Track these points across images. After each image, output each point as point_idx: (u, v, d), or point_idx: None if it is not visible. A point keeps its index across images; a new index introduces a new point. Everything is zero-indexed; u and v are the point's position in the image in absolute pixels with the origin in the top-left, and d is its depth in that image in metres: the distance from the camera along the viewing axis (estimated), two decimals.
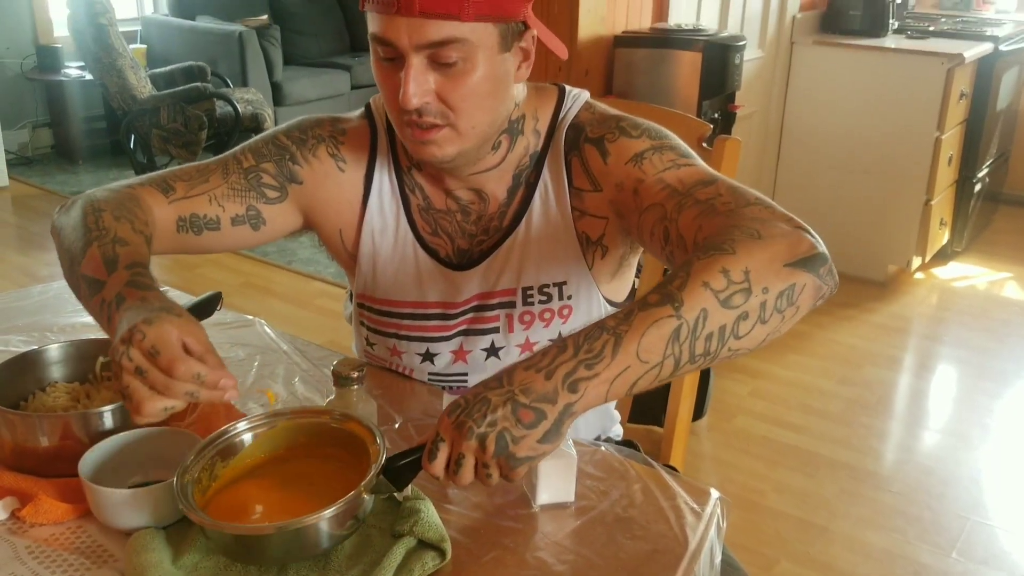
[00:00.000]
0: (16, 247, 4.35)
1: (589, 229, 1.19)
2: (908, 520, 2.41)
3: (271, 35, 5.74)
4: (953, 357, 3.42)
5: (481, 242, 1.23)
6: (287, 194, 1.22)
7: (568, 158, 1.18)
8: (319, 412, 1.03)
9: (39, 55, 5.42)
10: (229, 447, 0.99)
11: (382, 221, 1.23)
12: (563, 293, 1.22)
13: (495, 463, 0.86)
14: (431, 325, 1.25)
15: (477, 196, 1.21)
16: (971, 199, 4.14)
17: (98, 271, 0.99)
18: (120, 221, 1.07)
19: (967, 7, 4.69)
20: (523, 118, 1.19)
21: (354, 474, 0.93)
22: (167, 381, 0.85)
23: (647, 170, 1.10)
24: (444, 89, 1.06)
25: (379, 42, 1.05)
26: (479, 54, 1.05)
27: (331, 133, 1.24)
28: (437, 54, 1.03)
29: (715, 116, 3.02)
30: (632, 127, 1.15)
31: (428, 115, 1.07)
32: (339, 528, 0.89)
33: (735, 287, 0.88)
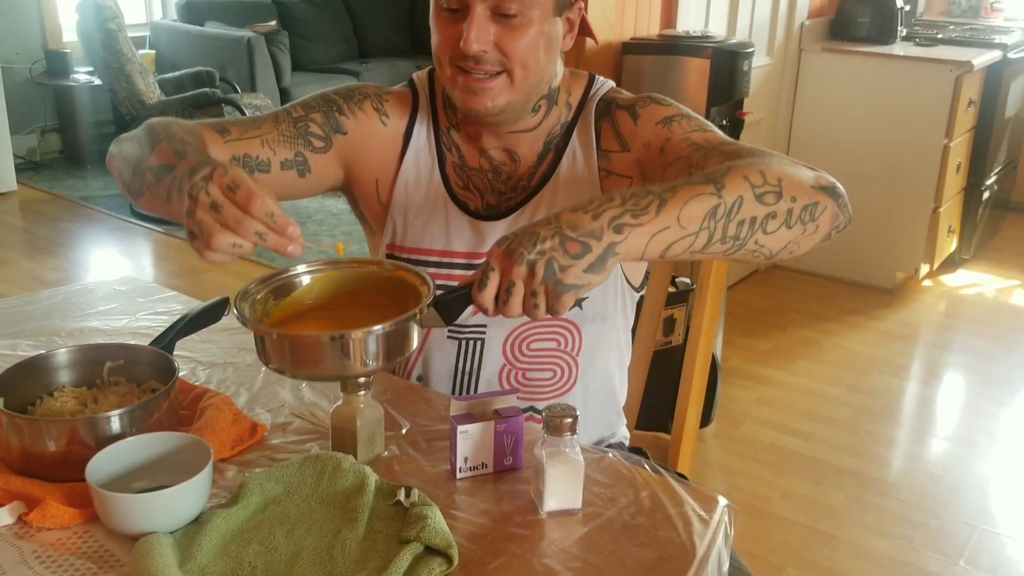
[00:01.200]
0: (24, 251, 4.37)
1: (614, 188, 1.26)
2: (915, 528, 2.40)
3: (279, 41, 5.76)
4: (961, 365, 3.41)
5: (509, 199, 1.30)
6: (332, 144, 1.29)
7: (599, 125, 1.28)
8: (368, 262, 1.06)
9: (48, 60, 5.45)
10: (285, 286, 1.02)
11: (416, 174, 1.30)
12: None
13: (543, 290, 0.91)
14: (456, 274, 1.30)
15: (509, 157, 1.30)
16: (979, 206, 4.13)
17: (168, 158, 1.03)
18: (186, 133, 1.13)
19: (976, 15, 4.68)
20: (559, 91, 1.29)
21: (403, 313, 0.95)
22: (240, 217, 0.89)
23: (675, 130, 1.20)
24: (502, 39, 1.15)
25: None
26: (536, 11, 1.15)
27: (376, 92, 1.33)
28: (500, 5, 1.13)
29: (723, 123, 3.02)
30: (659, 100, 1.27)
31: (485, 63, 1.16)
32: (386, 352, 0.92)
33: (769, 188, 0.99)
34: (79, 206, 4.89)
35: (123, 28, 4.54)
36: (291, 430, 1.19)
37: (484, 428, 1.07)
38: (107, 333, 1.46)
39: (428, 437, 1.17)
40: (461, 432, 1.06)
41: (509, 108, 1.21)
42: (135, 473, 1.02)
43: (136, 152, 1.12)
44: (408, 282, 1.00)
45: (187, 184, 0.93)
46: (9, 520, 0.99)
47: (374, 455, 1.10)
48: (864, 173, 3.81)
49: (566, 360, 1.33)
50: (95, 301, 1.58)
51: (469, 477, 1.08)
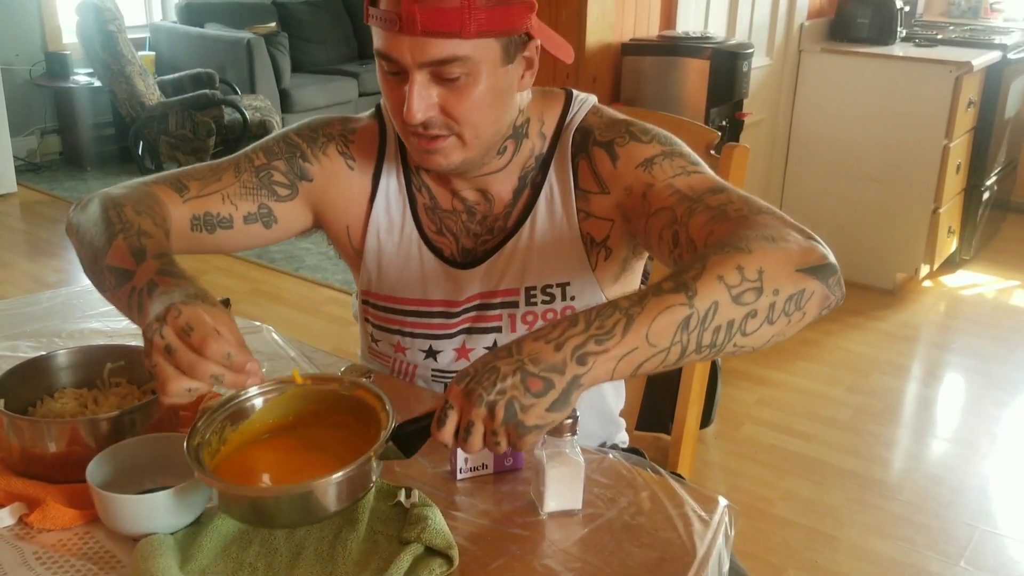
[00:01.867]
0: (25, 253, 4.37)
1: (594, 231, 1.21)
2: (916, 529, 2.40)
3: (279, 42, 5.76)
4: (961, 366, 3.41)
5: (485, 241, 1.24)
6: (297, 191, 1.24)
7: (575, 161, 1.20)
8: (329, 380, 1.03)
9: (48, 62, 5.45)
10: (239, 411, 0.98)
11: (388, 219, 1.25)
12: (566, 294, 1.23)
13: (504, 431, 0.86)
14: (434, 323, 1.26)
15: (483, 197, 1.23)
16: (979, 207, 4.13)
17: (126, 261, 1.00)
18: (141, 215, 1.08)
19: (975, 15, 4.68)
20: (528, 122, 1.20)
21: (363, 442, 0.93)
22: (194, 361, 0.86)
23: (657, 175, 1.12)
24: (447, 103, 1.07)
25: (383, 58, 1.08)
26: (482, 69, 1.06)
27: (341, 132, 1.26)
28: (440, 71, 1.05)
29: (723, 123, 3.02)
30: (642, 132, 1.17)
31: (432, 127, 1.09)
32: (349, 494, 0.89)
33: (748, 284, 0.88)
34: None
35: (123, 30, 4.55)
36: None
37: None
38: (108, 334, 1.46)
39: None
40: None
41: (467, 163, 1.14)
42: (136, 474, 1.01)
43: (93, 235, 1.07)
44: (368, 404, 0.97)
45: (143, 324, 0.91)
46: (10, 521, 0.99)
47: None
48: (864, 174, 3.81)
49: None
50: (95, 302, 1.58)
51: (469, 478, 1.08)
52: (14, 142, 5.10)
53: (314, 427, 1.00)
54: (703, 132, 1.51)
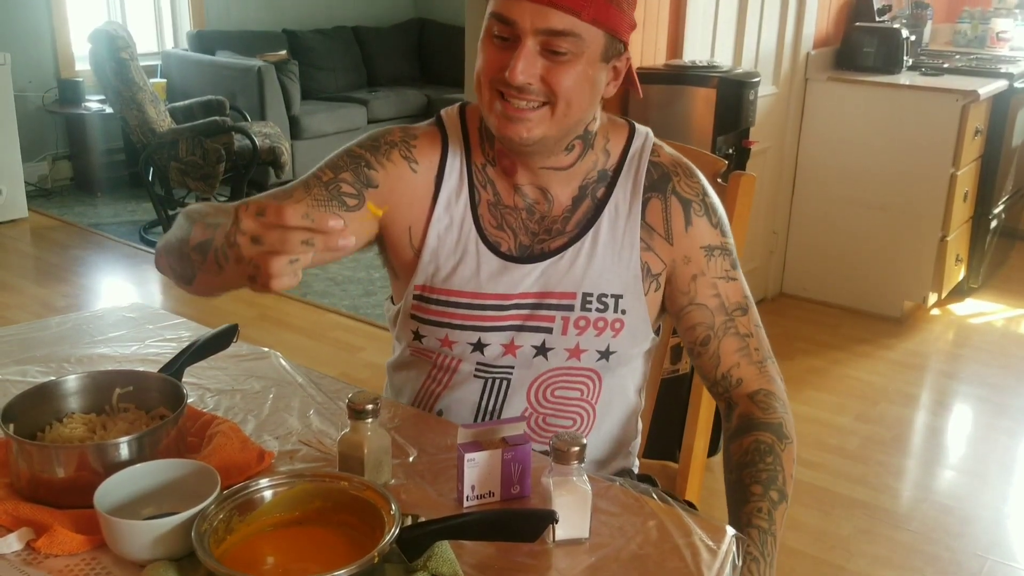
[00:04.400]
0: (34, 278, 4.39)
1: (651, 262, 1.29)
2: (926, 560, 2.37)
3: (289, 70, 5.81)
4: (970, 395, 3.39)
5: (542, 240, 1.29)
6: (364, 200, 1.27)
7: (648, 195, 1.28)
8: (338, 478, 1.04)
9: (61, 88, 5.50)
10: (248, 502, 0.99)
11: (449, 218, 1.29)
12: (619, 306, 1.28)
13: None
14: (486, 315, 1.28)
15: (543, 196, 1.29)
16: (987, 235, 4.13)
17: (206, 235, 1.09)
18: (220, 212, 1.16)
19: (981, 44, 4.70)
20: (596, 134, 1.28)
21: (367, 542, 0.94)
22: (281, 235, 0.90)
23: (711, 268, 1.28)
24: (549, 74, 1.15)
25: (500, 20, 1.14)
26: (585, 54, 1.15)
27: (402, 138, 1.31)
28: (551, 42, 1.13)
29: (729, 152, 3.03)
30: (712, 210, 1.29)
31: (530, 94, 1.15)
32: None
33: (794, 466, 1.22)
34: (89, 233, 4.92)
35: (135, 57, 4.59)
36: (298, 457, 1.19)
37: (491, 456, 1.07)
38: (116, 360, 1.46)
39: (435, 465, 1.17)
40: (468, 460, 1.06)
41: (544, 141, 1.19)
42: (143, 500, 1.02)
43: (177, 241, 1.15)
44: (375, 505, 0.97)
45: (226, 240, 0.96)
46: (17, 546, 0.99)
47: (381, 483, 1.10)
48: (871, 202, 3.82)
49: (586, 408, 1.33)
50: (105, 328, 1.59)
51: (476, 506, 1.08)
52: (26, 168, 5.13)
53: (319, 525, 1.01)
54: (710, 160, 1.52)
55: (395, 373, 1.42)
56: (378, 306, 3.95)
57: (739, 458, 1.21)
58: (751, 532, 1.11)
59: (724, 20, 3.36)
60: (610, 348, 1.29)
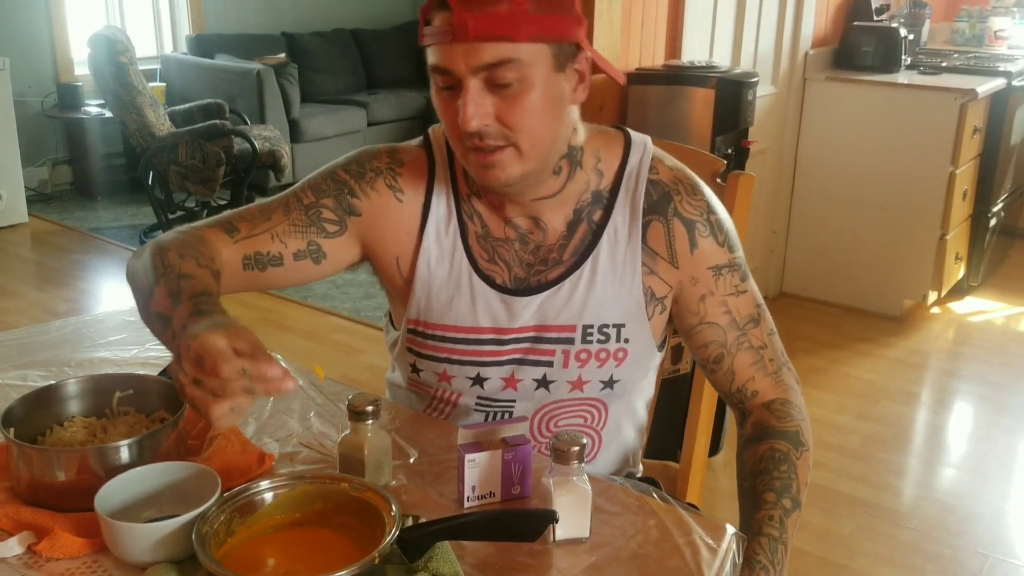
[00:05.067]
0: (35, 283, 4.39)
1: (655, 286, 1.24)
2: (927, 558, 2.38)
3: (289, 73, 5.81)
4: (971, 393, 3.40)
5: (539, 272, 1.24)
6: (346, 227, 1.24)
7: (648, 217, 1.22)
8: (338, 479, 1.04)
9: (60, 93, 5.50)
10: (249, 504, 0.99)
11: (439, 249, 1.25)
12: (621, 335, 1.24)
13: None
14: (484, 350, 1.25)
15: (535, 225, 1.23)
16: (986, 233, 4.13)
17: (165, 306, 1.02)
18: (185, 259, 1.10)
19: (980, 43, 4.71)
20: (582, 151, 1.21)
21: (367, 544, 0.94)
22: (220, 383, 0.88)
23: (719, 287, 1.23)
24: (502, 111, 1.08)
25: (438, 72, 1.09)
26: (534, 75, 1.07)
27: (389, 164, 1.26)
28: (493, 76, 1.06)
29: (728, 152, 3.03)
30: (719, 227, 1.23)
31: (489, 137, 1.09)
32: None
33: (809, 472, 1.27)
34: (89, 237, 4.92)
35: (134, 61, 4.59)
36: (299, 459, 1.19)
37: (492, 457, 1.07)
38: (117, 363, 1.46)
39: (436, 466, 1.17)
40: (469, 461, 1.06)
41: (526, 177, 1.14)
42: (144, 503, 1.02)
43: (143, 283, 1.10)
44: (376, 506, 0.97)
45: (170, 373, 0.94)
46: (19, 550, 0.99)
47: (381, 484, 1.10)
48: (870, 201, 3.82)
49: (590, 435, 1.31)
50: (105, 332, 1.59)
51: (477, 506, 1.08)
52: (26, 172, 5.14)
53: (319, 527, 1.01)
54: (709, 160, 1.52)
55: (395, 389, 1.41)
56: (379, 308, 3.95)
57: (753, 465, 1.19)
58: (761, 540, 1.09)
59: (722, 20, 3.37)
60: (613, 378, 1.26)
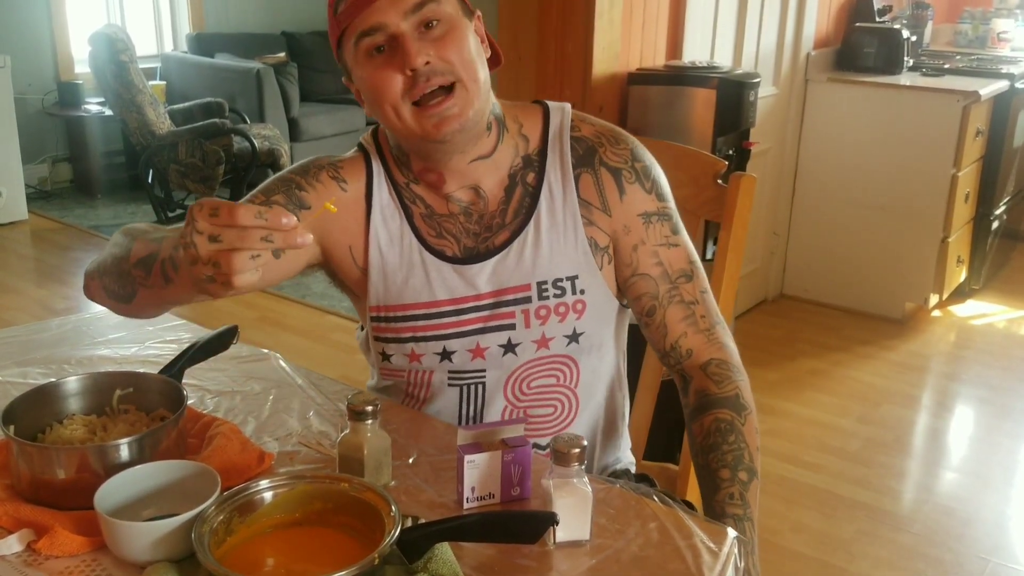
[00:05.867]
0: (34, 280, 4.39)
1: (597, 236, 1.28)
2: (928, 562, 2.37)
3: (288, 72, 5.81)
4: (972, 396, 3.39)
5: (486, 239, 1.28)
6: (298, 220, 1.24)
7: (577, 171, 1.28)
8: (338, 479, 1.03)
9: (60, 91, 5.50)
10: (248, 504, 0.99)
11: (387, 233, 1.29)
12: (576, 287, 1.27)
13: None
14: (445, 322, 1.28)
15: (475, 194, 1.28)
16: (988, 236, 4.12)
17: (149, 249, 1.08)
18: (157, 230, 1.17)
19: (982, 45, 4.70)
20: (504, 117, 1.28)
21: (367, 544, 0.94)
22: (239, 232, 0.89)
23: (650, 236, 1.28)
24: (439, 49, 1.15)
25: (367, 34, 1.15)
26: (454, 16, 1.16)
27: (329, 162, 1.31)
28: (423, 15, 1.14)
29: (730, 153, 3.03)
30: (644, 174, 1.28)
31: (436, 75, 1.14)
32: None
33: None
34: (89, 235, 4.92)
35: (134, 60, 4.59)
36: (298, 459, 1.18)
37: (491, 458, 1.06)
38: (116, 361, 1.46)
39: (435, 466, 1.17)
40: (468, 462, 1.06)
41: (475, 116, 1.18)
42: (143, 501, 1.01)
43: (114, 259, 1.14)
44: (375, 507, 0.97)
45: (179, 245, 0.95)
46: (18, 548, 0.99)
47: (381, 484, 1.10)
48: (872, 203, 3.81)
49: (566, 394, 1.33)
50: (105, 329, 1.59)
51: (476, 508, 1.07)
52: (26, 170, 5.14)
53: (319, 526, 1.00)
54: (710, 161, 1.52)
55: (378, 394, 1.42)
56: None
57: (702, 440, 1.23)
58: (727, 521, 1.13)
59: (724, 21, 3.36)
60: (577, 330, 1.28)
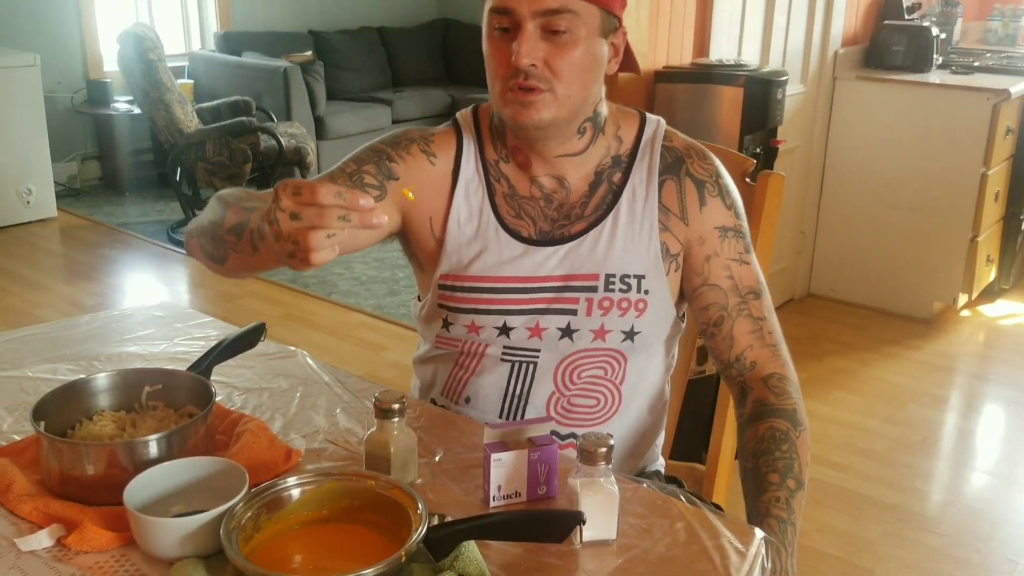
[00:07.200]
0: (64, 277, 4.43)
1: (669, 243, 1.32)
2: (956, 564, 2.35)
3: (315, 71, 5.83)
4: (1001, 396, 3.35)
5: (562, 226, 1.32)
6: (386, 192, 1.31)
7: (663, 177, 1.32)
8: (365, 476, 1.04)
9: (89, 89, 5.55)
10: (276, 500, 1.00)
11: (468, 208, 1.33)
12: (641, 286, 1.30)
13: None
14: (510, 298, 1.31)
15: (559, 184, 1.32)
16: (1018, 236, 4.07)
17: (241, 216, 1.13)
18: (251, 196, 1.23)
19: (1012, 42, 4.64)
20: (605, 120, 1.33)
21: (394, 541, 0.94)
22: (318, 211, 0.94)
23: (724, 249, 1.31)
24: (551, 56, 1.20)
25: (499, 12, 1.20)
26: (583, 30, 1.20)
27: (421, 136, 1.36)
28: (549, 22, 1.18)
29: (757, 151, 3.01)
30: (726, 192, 1.33)
31: (533, 78, 1.20)
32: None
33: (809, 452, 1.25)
34: (118, 232, 4.96)
35: (163, 59, 4.62)
36: (325, 456, 1.19)
37: (518, 456, 1.06)
38: (145, 358, 1.47)
39: (461, 464, 1.17)
40: (495, 460, 1.06)
41: (556, 123, 1.24)
42: (172, 497, 1.02)
43: (210, 223, 1.20)
44: (402, 504, 0.98)
45: (264, 219, 0.99)
46: (48, 543, 0.99)
47: (407, 482, 1.10)
48: (901, 202, 3.78)
49: (610, 389, 1.33)
50: (133, 326, 1.60)
51: (503, 506, 1.07)
52: (55, 168, 5.19)
53: (345, 523, 1.01)
54: (738, 160, 1.51)
55: (421, 366, 1.44)
56: (403, 306, 3.96)
57: (754, 446, 1.23)
58: (770, 522, 1.13)
59: (751, 18, 3.34)
60: (634, 328, 1.30)
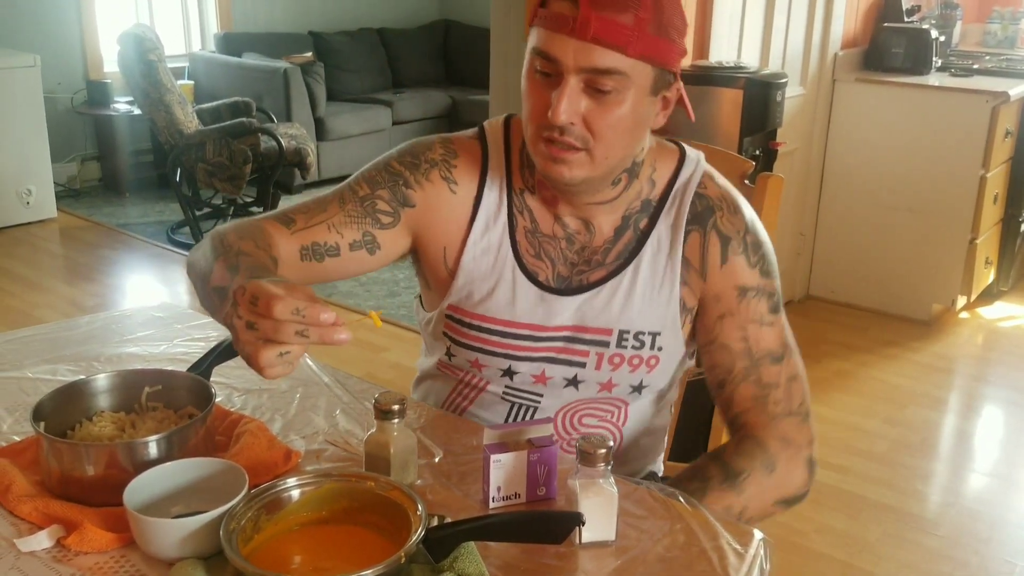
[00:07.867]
0: (64, 278, 4.43)
1: (686, 297, 1.25)
2: (955, 565, 2.35)
3: (315, 72, 5.84)
4: (1000, 398, 3.35)
5: (581, 272, 1.25)
6: (400, 218, 1.25)
7: (690, 227, 1.23)
8: (365, 477, 1.04)
9: (89, 90, 5.56)
10: (276, 501, 1.00)
11: (486, 241, 1.26)
12: (655, 343, 1.25)
13: None
14: (519, 344, 1.26)
15: (584, 227, 1.25)
16: (1017, 238, 4.08)
17: (223, 280, 1.03)
18: (243, 239, 1.13)
19: (1011, 45, 4.65)
20: (642, 164, 1.23)
21: (393, 542, 0.94)
22: (274, 325, 0.87)
23: (741, 311, 1.22)
24: (591, 115, 1.10)
25: (542, 56, 1.10)
26: (631, 90, 1.10)
27: (443, 156, 1.27)
28: (595, 80, 1.08)
29: (756, 153, 3.01)
30: (754, 249, 1.24)
31: (569, 135, 1.11)
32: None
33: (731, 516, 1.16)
34: (118, 233, 4.96)
35: (163, 59, 4.62)
36: (325, 457, 1.19)
37: (517, 457, 1.07)
38: (145, 359, 1.47)
39: (461, 466, 1.17)
40: (494, 461, 1.06)
41: (588, 182, 1.16)
42: (171, 498, 1.02)
43: (202, 266, 1.12)
44: (401, 505, 0.98)
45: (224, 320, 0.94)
46: (48, 543, 1.00)
47: (407, 483, 1.10)
48: (900, 204, 3.78)
49: (611, 431, 1.32)
50: (133, 327, 1.60)
51: (502, 507, 1.08)
52: (55, 168, 5.19)
53: (345, 524, 1.01)
54: (737, 162, 1.51)
55: (420, 384, 1.42)
56: (403, 307, 3.96)
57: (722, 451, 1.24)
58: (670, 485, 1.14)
59: (751, 20, 3.34)
60: (643, 383, 1.27)
